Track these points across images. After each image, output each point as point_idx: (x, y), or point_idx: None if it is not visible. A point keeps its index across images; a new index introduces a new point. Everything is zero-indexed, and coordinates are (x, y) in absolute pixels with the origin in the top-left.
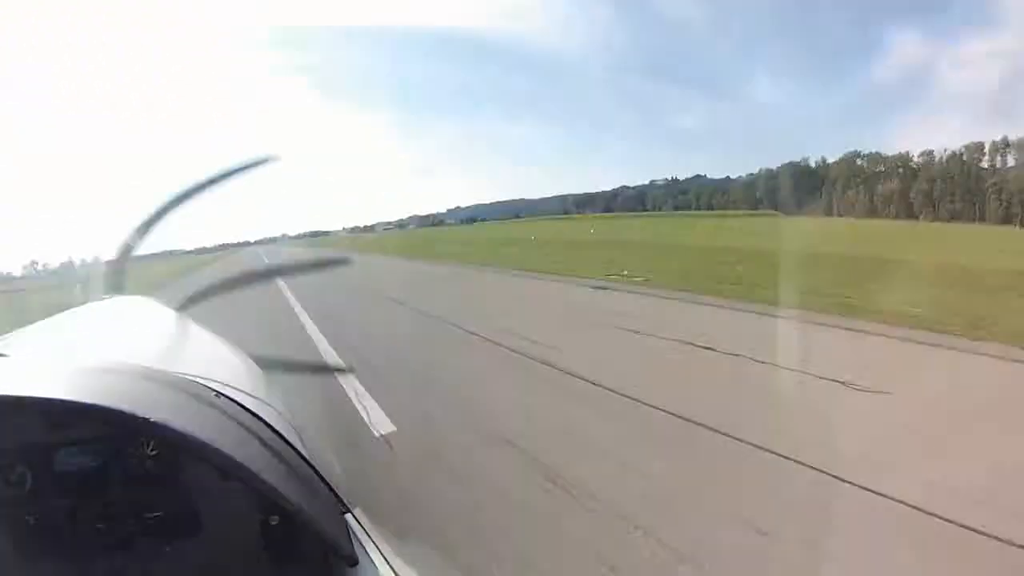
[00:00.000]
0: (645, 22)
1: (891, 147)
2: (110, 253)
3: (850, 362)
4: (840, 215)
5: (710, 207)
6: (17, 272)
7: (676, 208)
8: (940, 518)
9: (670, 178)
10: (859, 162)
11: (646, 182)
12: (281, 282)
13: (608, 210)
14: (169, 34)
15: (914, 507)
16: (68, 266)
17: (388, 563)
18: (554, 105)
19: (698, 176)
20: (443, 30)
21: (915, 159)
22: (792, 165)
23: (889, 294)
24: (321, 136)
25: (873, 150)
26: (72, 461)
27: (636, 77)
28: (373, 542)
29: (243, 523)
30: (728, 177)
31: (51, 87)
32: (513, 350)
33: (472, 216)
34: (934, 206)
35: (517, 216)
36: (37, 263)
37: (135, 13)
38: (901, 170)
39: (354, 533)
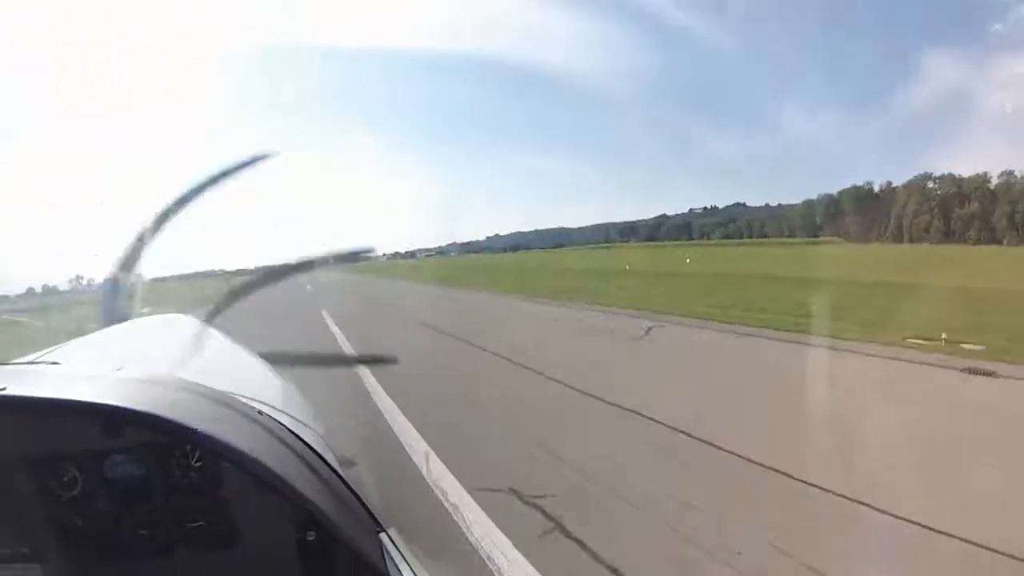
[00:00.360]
0: (678, 51)
1: (939, 169)
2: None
3: None
4: (912, 241)
5: (763, 235)
6: (64, 286)
7: (725, 237)
8: None
9: (709, 206)
10: (930, 185)
11: (685, 210)
12: None
13: (652, 239)
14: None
15: None
16: (112, 281)
17: None
18: (588, 134)
19: (738, 204)
20: (479, 59)
21: (994, 180)
22: (855, 190)
23: None
24: (359, 163)
25: (946, 172)
26: (120, 467)
27: (670, 106)
28: (407, 562)
29: (280, 537)
30: (768, 204)
31: (89, 118)
32: None
33: (514, 244)
34: (1018, 230)
35: (561, 245)
36: (83, 277)
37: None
38: (978, 192)
39: (388, 553)
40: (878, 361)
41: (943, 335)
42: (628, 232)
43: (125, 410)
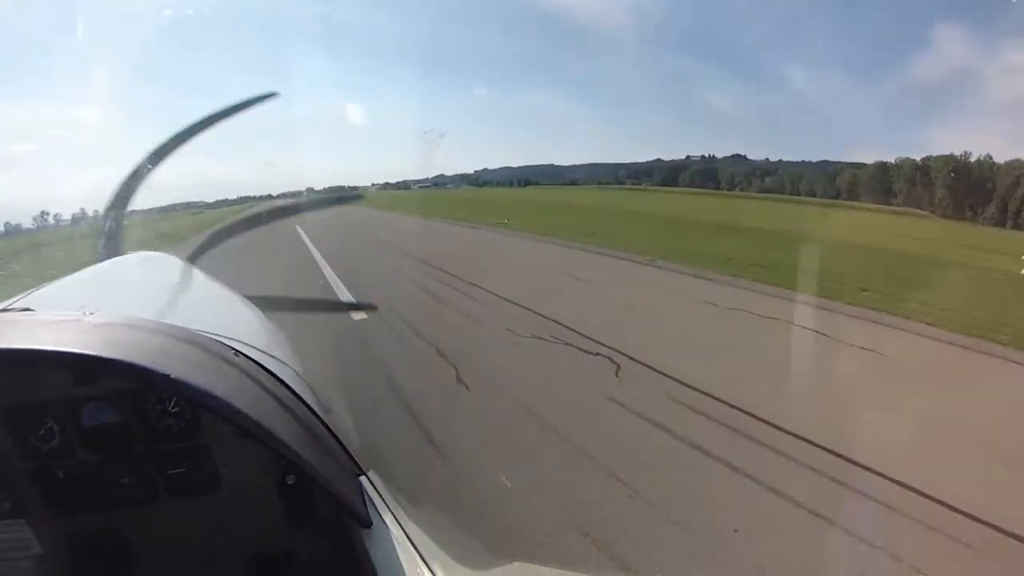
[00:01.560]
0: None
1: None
2: (119, 203)
3: None
4: (1018, 227)
5: (812, 193)
6: (27, 224)
7: (763, 191)
8: None
9: (707, 155)
10: None
11: (682, 156)
12: None
13: (666, 183)
14: None
15: None
16: (81, 217)
17: (400, 526)
18: (581, 71)
19: (737, 155)
20: None
21: None
22: (950, 159)
23: None
24: (345, 92)
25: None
26: (98, 416)
27: (670, 49)
28: (386, 504)
29: (261, 481)
30: (768, 159)
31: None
32: None
33: (504, 178)
34: None
35: (575, 182)
36: (48, 214)
37: None
38: None
39: (368, 495)
40: None
41: None
42: (640, 173)
43: (96, 358)
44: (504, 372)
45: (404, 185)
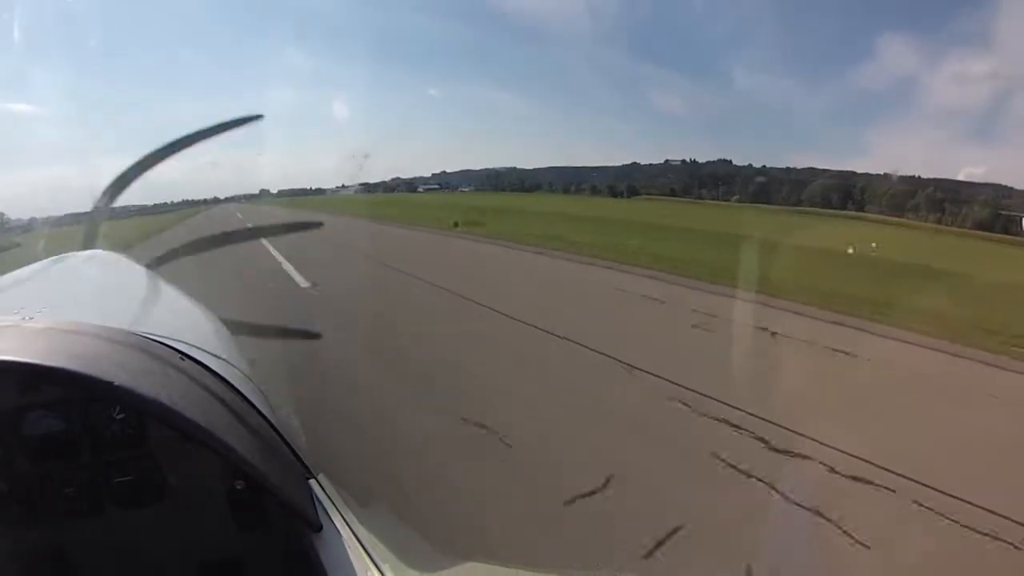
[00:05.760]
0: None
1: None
2: (81, 207)
3: None
4: None
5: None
6: None
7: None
8: None
9: (688, 159)
10: None
11: (660, 161)
12: None
13: (688, 194)
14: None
15: None
16: (34, 221)
17: (351, 529)
18: (544, 70)
19: (723, 160)
20: None
21: None
22: None
23: None
24: (300, 87)
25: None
26: (39, 425)
27: (641, 48)
28: (336, 508)
29: (209, 488)
30: (751, 165)
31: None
32: None
33: (462, 182)
34: None
35: (578, 185)
36: (4, 215)
37: None
38: None
39: (318, 499)
40: None
41: None
42: (616, 178)
43: (39, 366)
44: None
45: (411, 186)
